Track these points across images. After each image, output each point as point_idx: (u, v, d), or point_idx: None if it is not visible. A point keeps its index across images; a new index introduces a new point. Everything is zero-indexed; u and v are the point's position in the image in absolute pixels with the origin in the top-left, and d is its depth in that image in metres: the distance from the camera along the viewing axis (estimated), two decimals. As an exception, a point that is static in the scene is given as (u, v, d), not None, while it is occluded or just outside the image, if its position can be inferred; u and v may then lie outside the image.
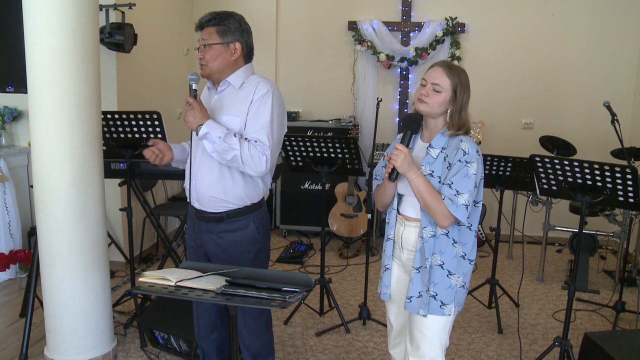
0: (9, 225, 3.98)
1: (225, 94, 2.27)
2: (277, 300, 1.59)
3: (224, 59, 2.22)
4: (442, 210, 1.89)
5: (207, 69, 2.22)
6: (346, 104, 5.40)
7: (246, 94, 2.22)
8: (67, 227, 2.67)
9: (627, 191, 2.51)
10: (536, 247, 5.05)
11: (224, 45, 2.21)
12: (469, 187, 1.89)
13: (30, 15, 2.51)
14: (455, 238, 1.98)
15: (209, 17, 2.21)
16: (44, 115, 2.58)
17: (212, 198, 2.24)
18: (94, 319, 2.81)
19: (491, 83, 5.15)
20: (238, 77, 2.26)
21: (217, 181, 2.23)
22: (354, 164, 3.35)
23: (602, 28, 4.96)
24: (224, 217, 2.26)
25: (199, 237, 2.35)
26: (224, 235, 2.29)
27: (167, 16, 4.88)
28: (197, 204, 2.29)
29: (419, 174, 1.92)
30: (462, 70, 2.02)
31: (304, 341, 3.27)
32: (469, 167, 1.90)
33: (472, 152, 1.92)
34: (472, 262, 2.03)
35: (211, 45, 2.19)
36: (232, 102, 2.24)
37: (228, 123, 2.19)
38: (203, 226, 2.32)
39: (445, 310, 1.99)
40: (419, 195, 1.92)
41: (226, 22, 2.20)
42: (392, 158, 1.94)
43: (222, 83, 2.27)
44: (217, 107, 2.26)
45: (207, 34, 2.20)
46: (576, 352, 2.91)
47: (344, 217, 4.85)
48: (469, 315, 3.66)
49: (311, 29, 5.37)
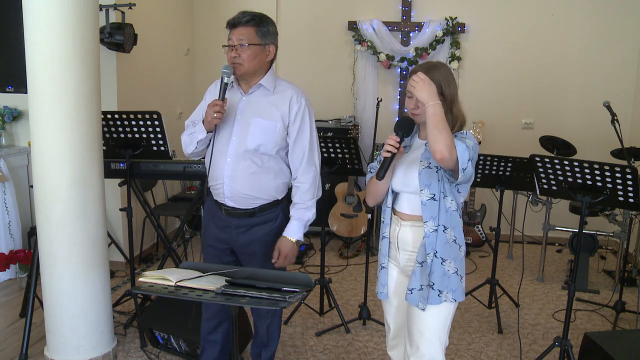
0: (9, 225, 3.98)
1: (256, 97, 2.30)
2: (277, 300, 1.59)
3: (260, 60, 2.25)
4: (450, 139, 1.82)
5: (242, 68, 2.23)
6: (346, 104, 5.40)
7: (281, 99, 2.27)
8: (67, 227, 2.67)
9: (627, 191, 2.51)
10: (536, 247, 5.05)
11: (262, 46, 2.23)
12: (464, 157, 1.87)
13: (30, 15, 2.51)
14: (446, 224, 1.97)
15: (249, 17, 2.22)
16: (44, 115, 2.58)
17: (246, 196, 2.30)
18: (94, 319, 2.81)
19: (491, 83, 5.15)
20: (270, 80, 2.30)
21: (252, 181, 2.29)
22: (354, 164, 3.35)
23: (602, 28, 4.96)
24: (256, 211, 2.33)
25: (227, 233, 2.38)
26: (255, 228, 2.35)
27: (167, 16, 4.88)
28: (231, 202, 2.33)
29: (438, 103, 1.87)
30: (440, 65, 2.00)
31: (304, 341, 3.27)
32: (465, 141, 1.89)
33: (469, 135, 1.95)
34: (461, 248, 2.02)
35: (250, 45, 2.20)
36: (266, 106, 2.28)
37: (265, 127, 2.24)
38: (234, 222, 2.36)
39: (442, 297, 1.98)
40: (432, 118, 1.85)
41: (266, 24, 2.24)
42: (411, 85, 1.92)
43: (255, 85, 2.29)
44: (248, 109, 2.28)
45: (246, 33, 2.20)
46: (576, 352, 2.91)
47: (344, 217, 4.85)
48: (469, 315, 3.66)
49: (311, 29, 5.37)
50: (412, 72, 1.99)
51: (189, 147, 2.36)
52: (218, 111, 2.18)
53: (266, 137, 2.25)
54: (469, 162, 1.89)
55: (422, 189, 1.97)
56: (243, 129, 2.27)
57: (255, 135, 2.25)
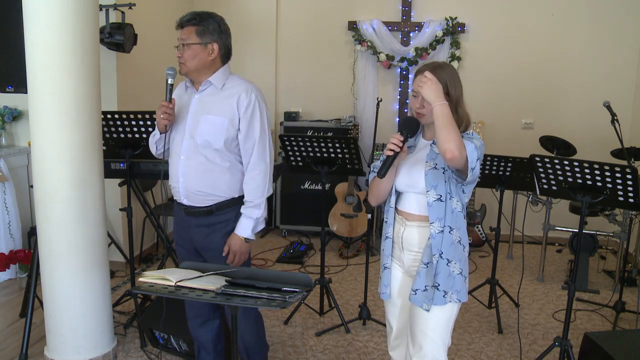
0: (9, 225, 3.98)
1: (206, 94, 2.32)
2: (277, 300, 1.59)
3: (202, 58, 2.26)
4: (459, 138, 1.82)
5: (184, 67, 2.27)
6: (346, 104, 5.40)
7: (230, 94, 2.28)
8: (67, 227, 2.67)
9: (627, 191, 2.51)
10: (536, 247, 5.05)
11: (202, 45, 2.24)
12: (473, 157, 1.88)
13: (30, 15, 2.51)
14: (452, 225, 1.98)
15: (189, 17, 2.25)
16: (44, 115, 2.58)
17: (200, 193, 2.31)
18: (94, 319, 2.81)
19: (491, 83, 5.15)
20: (219, 77, 2.31)
21: (204, 177, 2.30)
22: (354, 164, 3.35)
23: (602, 28, 4.96)
24: (213, 209, 2.33)
25: (188, 233, 2.40)
26: (216, 227, 2.35)
27: (167, 16, 4.88)
28: (186, 200, 2.35)
29: (445, 104, 1.87)
30: (446, 66, 2.00)
31: (304, 341, 3.27)
32: (472, 141, 1.91)
33: (475, 136, 1.96)
34: (465, 248, 2.03)
35: (189, 44, 2.23)
36: (215, 102, 2.29)
37: (213, 122, 2.26)
38: (193, 221, 2.37)
39: (446, 298, 1.98)
40: (440, 119, 1.84)
41: (205, 23, 2.24)
42: (418, 84, 1.92)
43: (203, 83, 2.31)
44: (199, 106, 2.31)
45: (187, 33, 2.24)
46: (576, 352, 2.90)
47: (344, 217, 4.85)
48: (469, 315, 3.66)
49: (311, 29, 5.37)
50: (419, 72, 1.99)
51: (152, 148, 2.46)
52: (165, 112, 2.24)
53: (215, 133, 2.26)
54: (477, 162, 1.90)
55: (428, 189, 1.97)
56: (194, 126, 2.29)
57: (204, 131, 2.26)
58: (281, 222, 5.29)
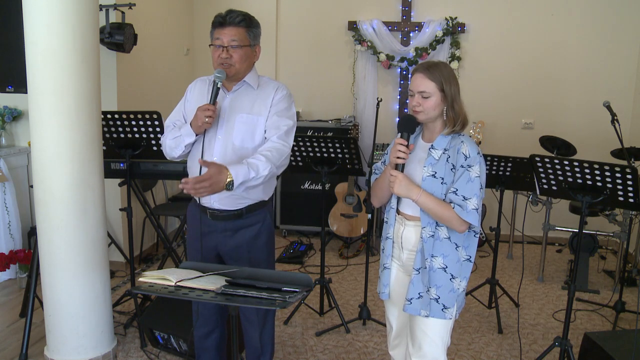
0: (9, 225, 3.98)
1: (240, 94, 2.29)
2: (277, 300, 1.59)
3: (250, 61, 2.27)
4: (455, 218, 1.91)
5: (234, 69, 2.21)
6: (346, 104, 5.40)
7: (266, 94, 2.27)
8: (67, 227, 2.67)
9: (627, 191, 2.51)
10: (536, 247, 5.05)
11: (251, 47, 2.24)
12: (474, 191, 1.90)
13: (30, 15, 2.51)
14: (459, 242, 1.98)
15: (240, 18, 2.20)
16: (44, 115, 2.58)
17: (234, 195, 2.21)
18: (94, 319, 2.81)
19: (491, 83, 5.15)
20: (253, 77, 2.31)
21: None
22: (354, 164, 3.35)
23: (602, 28, 4.96)
24: (243, 212, 2.29)
25: (212, 239, 2.33)
26: (242, 231, 2.30)
27: (167, 16, 4.88)
28: (217, 203, 2.27)
29: (422, 193, 1.93)
30: (441, 65, 2.01)
31: (304, 341, 3.27)
32: (470, 171, 1.91)
33: (472, 154, 1.93)
34: (471, 261, 2.04)
35: (242, 46, 2.20)
36: (249, 101, 2.27)
37: (249, 122, 2.23)
38: (220, 226, 2.31)
39: (446, 313, 1.99)
40: (429, 211, 1.94)
41: (255, 26, 2.25)
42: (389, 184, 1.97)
43: (238, 83, 2.28)
44: (233, 105, 2.27)
45: (237, 34, 2.18)
46: (576, 352, 2.91)
47: (344, 217, 4.85)
48: (469, 315, 3.66)
49: (311, 29, 5.37)
50: (414, 72, 2.02)
51: (174, 151, 2.28)
52: (210, 116, 2.13)
53: (250, 131, 2.23)
54: (481, 191, 1.93)
55: None
56: (228, 126, 2.24)
57: (240, 130, 2.23)
58: (281, 222, 5.29)
